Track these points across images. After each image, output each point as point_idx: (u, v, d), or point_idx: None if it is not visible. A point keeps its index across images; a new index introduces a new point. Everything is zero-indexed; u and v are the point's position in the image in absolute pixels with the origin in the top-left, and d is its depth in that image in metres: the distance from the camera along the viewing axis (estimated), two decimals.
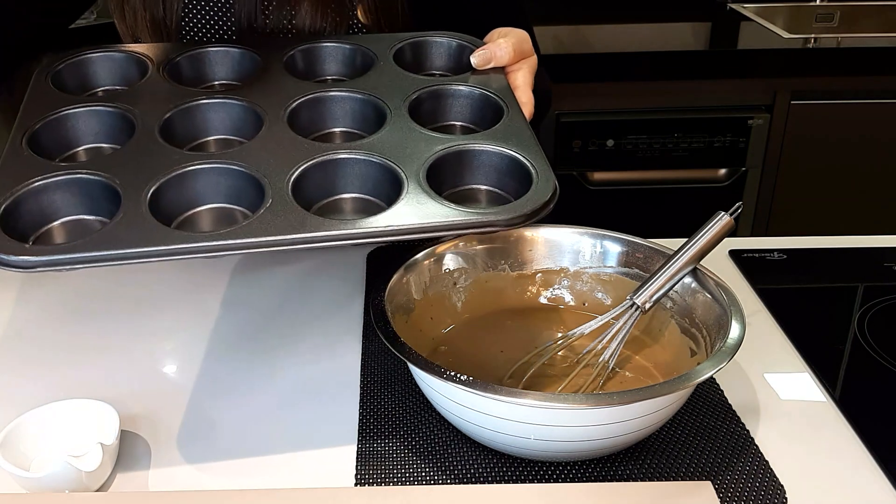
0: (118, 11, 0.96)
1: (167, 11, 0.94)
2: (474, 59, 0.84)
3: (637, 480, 0.68)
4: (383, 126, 0.76)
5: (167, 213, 0.68)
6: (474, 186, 0.75)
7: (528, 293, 0.85)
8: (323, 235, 0.64)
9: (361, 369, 0.81)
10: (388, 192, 0.70)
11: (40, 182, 0.68)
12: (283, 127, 0.76)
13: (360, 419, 0.74)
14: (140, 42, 0.95)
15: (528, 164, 0.71)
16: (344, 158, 0.72)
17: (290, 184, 0.68)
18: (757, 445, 0.71)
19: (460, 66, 0.87)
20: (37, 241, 0.67)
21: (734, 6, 2.28)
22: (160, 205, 0.67)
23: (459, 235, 0.65)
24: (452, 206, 0.67)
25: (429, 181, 0.69)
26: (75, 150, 0.78)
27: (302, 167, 0.70)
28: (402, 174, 0.70)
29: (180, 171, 0.70)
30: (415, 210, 0.66)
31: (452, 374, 0.64)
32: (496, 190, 0.75)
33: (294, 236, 0.64)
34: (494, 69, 0.84)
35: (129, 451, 0.71)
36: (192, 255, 0.63)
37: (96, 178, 0.69)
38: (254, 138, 0.75)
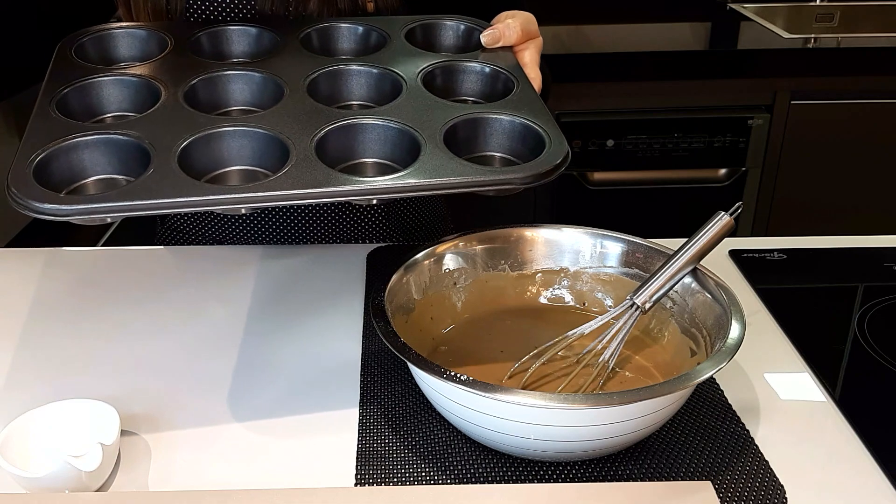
0: (122, 2, 0.96)
1: (171, 2, 0.95)
2: (484, 39, 0.86)
3: (637, 480, 0.68)
4: (400, 95, 0.79)
5: (194, 172, 0.69)
6: (489, 153, 0.78)
7: (528, 293, 0.86)
8: (348, 190, 0.66)
9: (361, 369, 0.81)
10: (407, 157, 0.72)
11: (72, 140, 0.70)
12: (304, 96, 0.78)
13: (360, 419, 0.74)
14: None
15: (541, 131, 0.74)
16: (364, 123, 0.75)
17: (314, 145, 0.71)
18: (757, 445, 0.71)
19: (469, 47, 0.90)
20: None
21: (734, 6, 2.28)
22: (187, 164, 0.69)
23: (477, 192, 0.68)
24: (470, 164, 0.69)
25: (446, 146, 0.71)
26: (101, 117, 0.80)
27: (324, 130, 0.73)
28: (421, 138, 0.72)
29: (207, 133, 0.72)
30: (434, 168, 0.68)
31: (452, 374, 0.64)
32: (509, 157, 0.77)
33: (319, 190, 0.66)
34: (503, 48, 0.87)
35: (129, 451, 0.71)
36: (221, 206, 0.65)
37: (126, 137, 0.71)
38: (276, 105, 0.77)
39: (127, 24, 0.91)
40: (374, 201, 0.69)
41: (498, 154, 0.77)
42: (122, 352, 0.85)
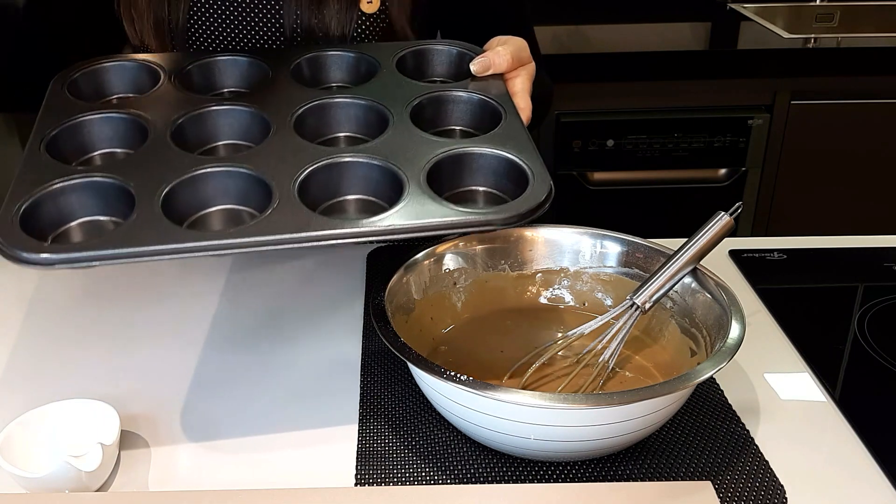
0: (126, 16, 0.96)
1: (172, 14, 0.94)
2: (473, 67, 0.85)
3: (637, 480, 0.68)
4: (386, 130, 0.78)
5: (179, 213, 0.70)
6: (473, 188, 0.77)
7: (528, 293, 0.86)
8: (328, 234, 0.66)
9: (361, 369, 0.81)
10: (390, 193, 0.71)
11: (58, 185, 0.70)
12: (290, 132, 0.78)
13: (360, 419, 0.74)
14: (146, 47, 0.96)
15: (525, 167, 0.73)
16: (348, 161, 0.74)
17: (297, 186, 0.70)
18: (757, 445, 0.71)
19: (460, 73, 0.89)
20: (54, 241, 0.69)
21: (734, 6, 2.28)
22: (172, 206, 0.69)
23: (459, 234, 0.68)
24: (451, 206, 0.68)
25: (429, 183, 0.71)
26: (90, 155, 0.80)
27: (307, 170, 0.72)
28: (404, 176, 0.71)
29: (191, 174, 0.72)
30: (415, 210, 0.68)
31: (452, 374, 0.64)
32: (494, 191, 0.76)
33: (300, 235, 0.66)
34: (493, 76, 0.86)
35: (129, 451, 0.71)
36: (202, 252, 0.65)
37: (111, 180, 0.71)
38: (262, 143, 0.77)
39: (118, 56, 0.90)
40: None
41: (483, 189, 0.77)
42: (123, 352, 0.85)
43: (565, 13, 2.24)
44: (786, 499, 0.66)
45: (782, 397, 0.78)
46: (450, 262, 0.83)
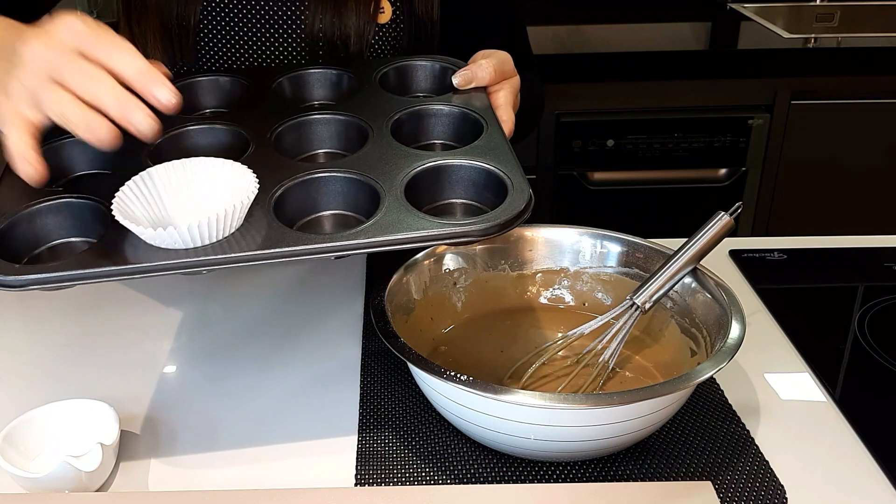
0: (125, 27, 0.95)
1: (182, 20, 0.93)
2: (456, 80, 0.84)
3: (637, 480, 0.68)
4: (365, 145, 0.77)
5: None
6: (453, 200, 0.76)
7: (528, 293, 0.86)
8: (301, 249, 0.65)
9: (361, 369, 0.81)
10: (368, 208, 0.71)
11: (33, 207, 0.70)
12: (269, 150, 0.77)
13: (360, 419, 0.74)
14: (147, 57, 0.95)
15: (504, 177, 0.72)
16: (325, 176, 0.73)
17: (272, 202, 0.69)
18: (757, 445, 0.71)
19: (444, 88, 0.88)
20: (29, 263, 0.68)
21: (734, 6, 2.28)
22: None
23: (436, 246, 0.65)
24: (428, 218, 0.67)
25: (408, 197, 0.70)
26: (71, 177, 0.79)
27: (284, 186, 0.71)
28: (381, 190, 0.71)
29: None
30: (391, 223, 0.67)
31: (452, 374, 0.64)
32: (474, 203, 0.75)
33: (272, 251, 0.65)
34: (476, 89, 0.85)
35: (128, 451, 0.71)
36: (174, 270, 0.65)
37: (85, 201, 0.70)
38: (240, 158, 0.75)
39: None
40: (333, 258, 0.68)
41: (462, 201, 0.76)
42: (123, 352, 0.85)
43: (565, 13, 2.25)
44: (786, 499, 0.66)
45: (782, 397, 0.78)
46: (450, 262, 0.83)
